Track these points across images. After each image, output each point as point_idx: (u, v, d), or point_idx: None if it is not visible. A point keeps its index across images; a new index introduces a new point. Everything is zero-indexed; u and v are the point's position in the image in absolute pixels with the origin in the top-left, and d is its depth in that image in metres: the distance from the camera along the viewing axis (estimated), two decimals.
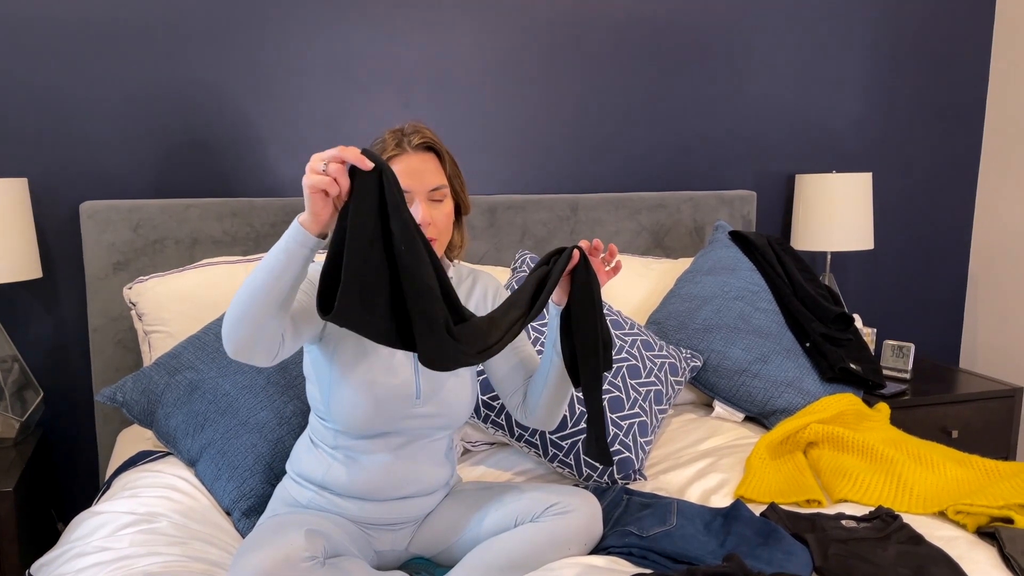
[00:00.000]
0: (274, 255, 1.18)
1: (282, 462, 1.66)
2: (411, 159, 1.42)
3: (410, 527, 1.52)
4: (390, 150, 1.43)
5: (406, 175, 1.41)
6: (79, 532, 1.47)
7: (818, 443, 1.91)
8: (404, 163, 1.42)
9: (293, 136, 2.36)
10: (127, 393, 1.77)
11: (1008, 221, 3.02)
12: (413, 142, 1.43)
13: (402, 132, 1.45)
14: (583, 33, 2.58)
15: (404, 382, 1.44)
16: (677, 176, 2.76)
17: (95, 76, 2.18)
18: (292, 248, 1.17)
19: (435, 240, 1.43)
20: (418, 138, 1.43)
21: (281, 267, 1.17)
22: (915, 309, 3.14)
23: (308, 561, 1.24)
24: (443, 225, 1.45)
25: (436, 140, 1.46)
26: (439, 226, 1.43)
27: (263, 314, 1.19)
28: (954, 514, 1.56)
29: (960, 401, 2.48)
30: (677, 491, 1.75)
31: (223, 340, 1.23)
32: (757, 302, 2.28)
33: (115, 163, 2.22)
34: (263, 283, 1.18)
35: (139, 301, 2.02)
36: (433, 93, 2.47)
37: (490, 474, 1.88)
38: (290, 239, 1.17)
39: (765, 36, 2.78)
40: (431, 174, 1.43)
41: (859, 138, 2.95)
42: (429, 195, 1.43)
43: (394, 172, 1.18)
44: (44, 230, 2.20)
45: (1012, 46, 2.99)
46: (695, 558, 1.40)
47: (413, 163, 1.42)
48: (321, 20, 2.33)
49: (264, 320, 1.19)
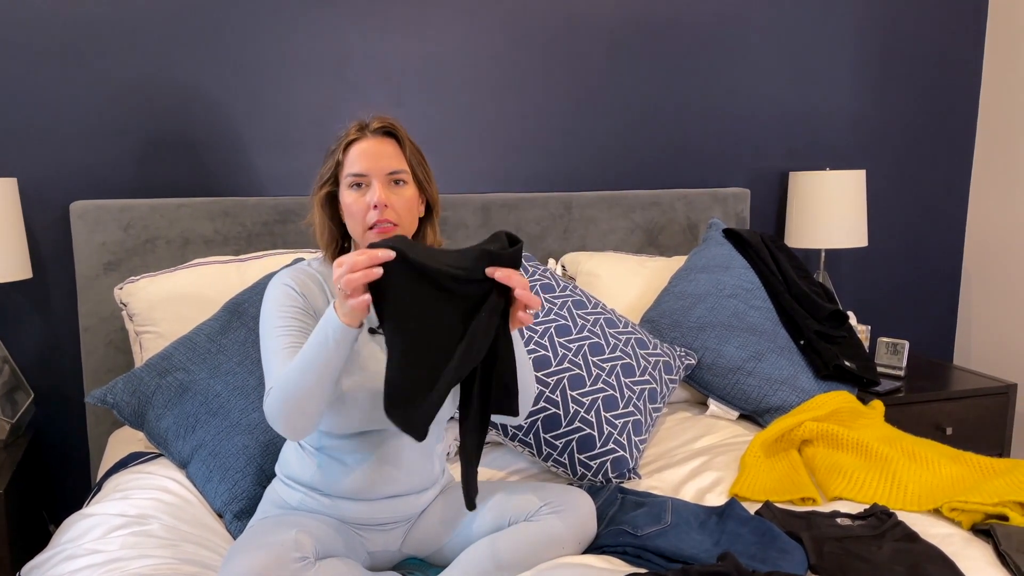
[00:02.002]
0: (324, 352, 1.25)
1: (273, 463, 1.65)
2: (369, 142, 1.44)
3: (402, 527, 1.52)
4: (351, 135, 1.46)
5: (362, 157, 1.43)
6: (70, 534, 1.46)
7: (813, 441, 1.91)
8: (362, 145, 1.44)
9: (285, 135, 2.34)
10: (117, 394, 1.76)
11: (1001, 217, 3.03)
12: (372, 126, 1.46)
13: (366, 120, 1.48)
14: (576, 31, 2.57)
15: (379, 380, 1.42)
16: (671, 174, 2.76)
17: (84, 75, 2.16)
18: (341, 340, 1.24)
19: (396, 226, 1.42)
20: (377, 123, 1.46)
21: (334, 359, 1.25)
22: (909, 306, 3.14)
23: (299, 562, 1.23)
24: (403, 209, 1.43)
25: (397, 126, 1.47)
26: (398, 210, 1.42)
27: (322, 400, 1.28)
28: (949, 511, 1.56)
29: (954, 398, 2.48)
30: (672, 490, 1.75)
31: (279, 428, 1.31)
32: (751, 300, 2.28)
33: (105, 162, 2.21)
34: (318, 379, 1.26)
35: (130, 301, 2.01)
36: (425, 91, 2.46)
37: (484, 474, 1.87)
38: (338, 337, 1.24)
39: (758, 34, 2.77)
40: (389, 157, 1.43)
41: (852, 135, 2.95)
42: (387, 178, 1.43)
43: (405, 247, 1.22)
44: (34, 230, 2.18)
45: (1005, 43, 2.99)
46: (690, 557, 1.39)
47: (371, 146, 1.44)
48: (312, 18, 2.32)
49: (323, 406, 1.30)
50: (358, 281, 1.18)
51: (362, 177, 1.42)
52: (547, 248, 2.53)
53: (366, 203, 1.41)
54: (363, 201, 1.41)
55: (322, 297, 1.45)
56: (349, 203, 1.43)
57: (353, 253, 1.21)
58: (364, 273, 1.18)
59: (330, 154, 1.49)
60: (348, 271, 1.18)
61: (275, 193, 2.36)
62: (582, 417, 1.84)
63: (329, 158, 1.49)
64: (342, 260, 1.20)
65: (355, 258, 1.18)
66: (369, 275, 1.18)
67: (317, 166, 2.38)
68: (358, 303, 1.19)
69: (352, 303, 1.20)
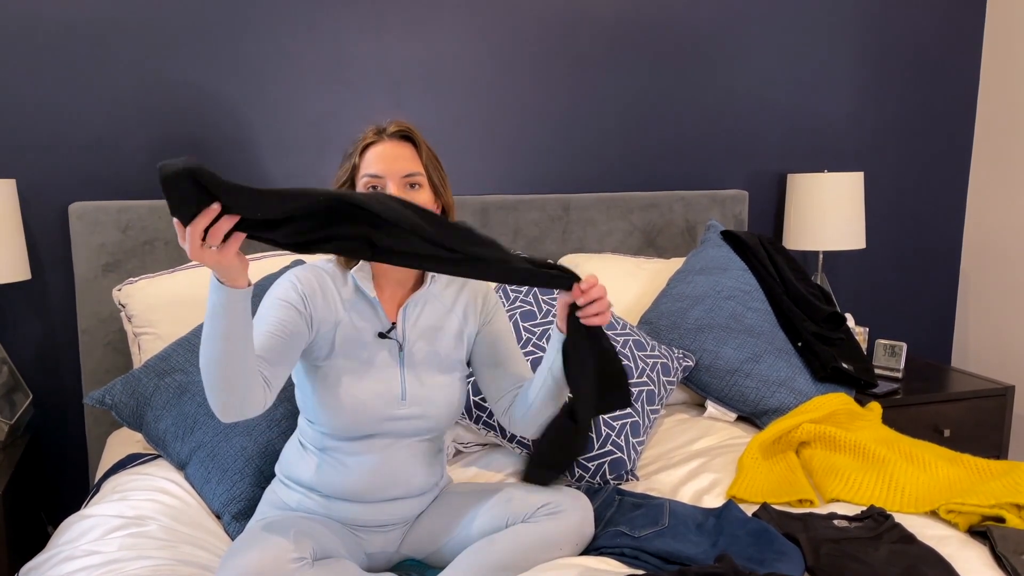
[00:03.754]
0: (216, 319, 1.17)
1: (272, 465, 1.65)
2: (385, 145, 1.45)
3: (400, 528, 1.52)
4: (368, 138, 1.46)
5: (379, 160, 1.43)
6: (68, 535, 1.46)
7: (810, 443, 1.92)
8: (378, 149, 1.45)
9: (283, 137, 2.35)
10: (116, 396, 1.76)
11: (999, 220, 3.03)
12: (389, 130, 1.46)
13: (383, 124, 1.49)
14: (575, 33, 2.58)
15: (389, 384, 1.44)
16: (669, 176, 2.76)
17: (83, 77, 2.17)
18: (227, 303, 1.16)
19: None
20: (394, 127, 1.47)
21: (228, 324, 1.17)
22: (907, 308, 3.15)
23: (297, 562, 1.24)
24: None
25: (413, 130, 1.48)
26: None
27: (240, 373, 1.21)
28: (946, 513, 1.56)
29: (952, 400, 2.49)
30: (669, 491, 1.75)
31: (214, 410, 1.25)
32: (749, 301, 2.28)
33: (104, 164, 2.21)
34: (223, 348, 1.18)
35: (129, 303, 2.01)
36: (424, 93, 2.46)
37: (482, 475, 1.87)
38: (222, 300, 1.16)
39: (756, 36, 2.78)
40: (405, 160, 1.44)
41: (851, 138, 2.96)
42: (402, 180, 1.43)
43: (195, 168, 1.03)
44: (32, 231, 2.19)
45: (1003, 46, 3.00)
46: (687, 558, 1.40)
47: (387, 149, 1.44)
48: (311, 20, 2.32)
49: (247, 380, 1.22)
50: (199, 244, 1.08)
51: (378, 179, 1.42)
52: (545, 250, 2.53)
53: None
54: None
55: (330, 296, 1.45)
56: None
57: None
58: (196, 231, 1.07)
59: (347, 157, 1.49)
60: (191, 241, 1.08)
61: None
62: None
63: (346, 161, 1.49)
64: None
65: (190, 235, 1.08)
66: (199, 226, 1.07)
67: (316, 168, 2.38)
68: (213, 257, 1.10)
69: (208, 259, 1.10)
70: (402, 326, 1.48)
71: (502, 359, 1.56)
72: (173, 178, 1.00)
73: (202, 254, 1.09)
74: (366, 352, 1.44)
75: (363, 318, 1.46)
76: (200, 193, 1.03)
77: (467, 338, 1.56)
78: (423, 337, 1.49)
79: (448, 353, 1.51)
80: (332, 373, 1.42)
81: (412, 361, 1.47)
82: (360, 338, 1.45)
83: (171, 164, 1.00)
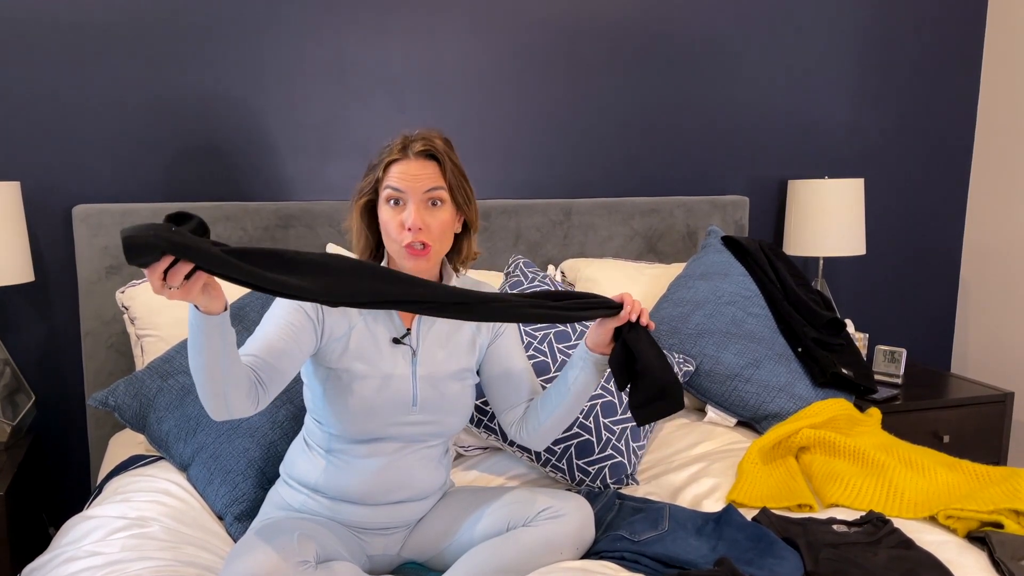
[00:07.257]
0: (196, 338, 1.19)
1: (275, 466, 1.66)
2: (410, 164, 1.43)
3: (402, 531, 1.52)
4: (394, 154, 1.44)
5: (402, 178, 1.42)
6: (70, 536, 1.46)
7: (810, 448, 1.92)
8: (402, 167, 1.43)
9: (287, 140, 2.36)
10: (119, 397, 1.77)
11: (999, 226, 3.04)
12: (415, 148, 1.44)
13: (410, 138, 1.46)
14: (577, 38, 2.59)
15: (401, 388, 1.44)
16: (670, 181, 2.77)
17: (88, 79, 2.18)
18: (203, 326, 1.17)
19: (430, 247, 1.42)
20: (420, 145, 1.44)
21: (207, 343, 1.19)
22: (907, 314, 3.15)
23: (300, 565, 1.24)
24: (438, 232, 1.43)
25: (440, 150, 1.44)
26: (433, 232, 1.42)
27: (225, 384, 1.23)
28: (944, 519, 1.57)
29: (951, 406, 2.49)
30: (669, 496, 1.76)
31: (206, 408, 1.28)
32: (749, 307, 2.29)
33: (108, 166, 2.22)
34: (205, 363, 1.20)
35: (132, 305, 2.02)
36: (427, 98, 2.47)
37: (483, 478, 1.88)
38: (199, 323, 1.17)
39: (758, 42, 2.79)
40: (427, 178, 1.42)
41: (851, 144, 2.97)
42: (424, 197, 1.42)
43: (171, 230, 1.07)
44: (36, 233, 2.19)
45: (1003, 53, 3.01)
46: (687, 562, 1.40)
47: (411, 167, 1.43)
48: (315, 25, 2.33)
49: (233, 391, 1.24)
50: (169, 294, 1.11)
51: (399, 193, 1.42)
52: (546, 254, 2.54)
53: (401, 222, 1.41)
54: (398, 219, 1.42)
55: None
56: (386, 220, 1.43)
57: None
58: (165, 288, 1.10)
59: (371, 169, 1.48)
60: (151, 283, 1.10)
61: (277, 198, 2.37)
62: (580, 423, 1.85)
63: (370, 173, 1.48)
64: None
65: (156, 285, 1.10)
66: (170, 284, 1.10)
67: (320, 171, 2.39)
68: (176, 295, 1.11)
69: (172, 297, 1.12)
70: (417, 332, 1.49)
71: (512, 371, 1.58)
72: (129, 240, 1.05)
73: (164, 292, 1.10)
74: (379, 356, 1.45)
75: (378, 323, 1.47)
76: (154, 250, 1.06)
77: (479, 347, 1.57)
78: (437, 344, 1.50)
79: (460, 361, 1.52)
80: (344, 375, 1.42)
81: (425, 368, 1.48)
82: (374, 343, 1.45)
83: (128, 228, 1.06)
